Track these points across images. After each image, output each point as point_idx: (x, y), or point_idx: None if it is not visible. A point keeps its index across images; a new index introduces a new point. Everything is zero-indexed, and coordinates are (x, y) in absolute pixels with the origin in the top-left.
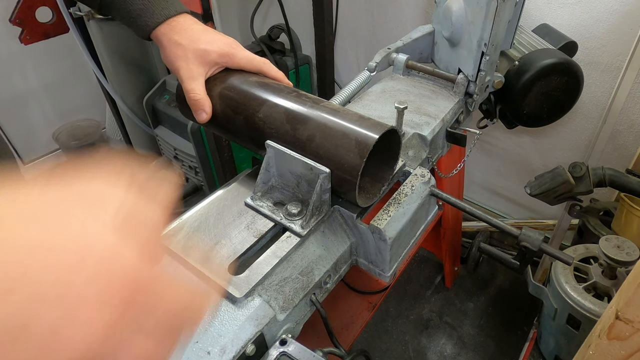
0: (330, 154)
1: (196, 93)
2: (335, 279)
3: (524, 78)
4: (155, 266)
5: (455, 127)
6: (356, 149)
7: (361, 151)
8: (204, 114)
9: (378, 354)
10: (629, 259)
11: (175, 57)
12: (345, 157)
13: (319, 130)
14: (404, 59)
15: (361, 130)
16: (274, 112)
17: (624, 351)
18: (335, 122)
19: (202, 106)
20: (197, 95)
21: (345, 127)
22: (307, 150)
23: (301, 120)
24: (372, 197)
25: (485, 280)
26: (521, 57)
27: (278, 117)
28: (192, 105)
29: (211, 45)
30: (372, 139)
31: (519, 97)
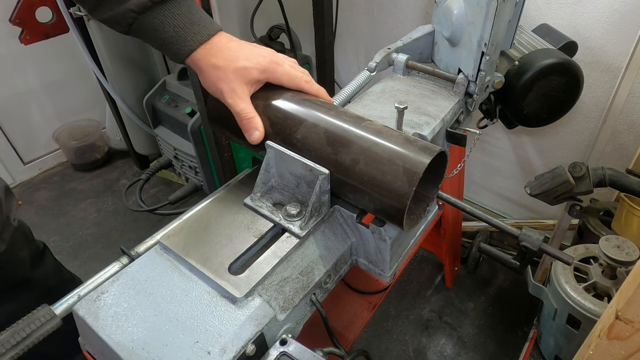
0: (376, 180)
1: (247, 112)
2: (336, 279)
3: (524, 78)
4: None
5: (455, 127)
6: (404, 176)
7: (410, 179)
8: (257, 133)
9: (378, 354)
10: (629, 259)
11: (216, 80)
12: (392, 184)
13: (363, 155)
14: (404, 59)
15: (409, 154)
16: (313, 133)
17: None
18: (381, 146)
19: (256, 125)
20: (249, 114)
21: (391, 150)
22: (350, 175)
23: (343, 143)
24: (417, 219)
25: (485, 280)
26: (521, 57)
27: (317, 138)
28: (245, 125)
29: (250, 61)
30: (422, 165)
31: (519, 97)
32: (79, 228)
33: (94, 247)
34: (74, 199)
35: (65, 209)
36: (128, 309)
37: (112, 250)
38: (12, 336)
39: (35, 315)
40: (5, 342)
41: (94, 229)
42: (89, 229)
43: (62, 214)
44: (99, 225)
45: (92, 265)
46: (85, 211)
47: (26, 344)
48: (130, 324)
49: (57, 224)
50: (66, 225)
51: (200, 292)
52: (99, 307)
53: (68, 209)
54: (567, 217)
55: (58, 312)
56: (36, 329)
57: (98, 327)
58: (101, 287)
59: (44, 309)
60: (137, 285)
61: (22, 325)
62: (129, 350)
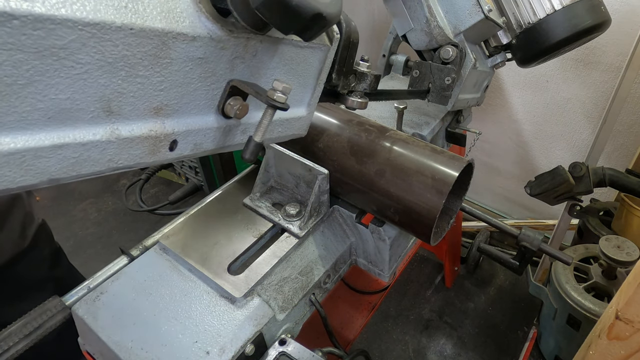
0: (404, 192)
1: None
2: (335, 279)
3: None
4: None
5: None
6: (433, 188)
7: (439, 191)
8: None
9: (378, 354)
10: (629, 259)
11: None
12: (420, 197)
13: (390, 165)
14: (403, 59)
15: (438, 166)
16: (336, 142)
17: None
18: (408, 156)
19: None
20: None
21: (419, 162)
22: (375, 186)
23: (367, 153)
24: (441, 232)
25: (485, 280)
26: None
27: (340, 148)
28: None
29: None
30: (451, 177)
31: (547, 51)
32: (79, 228)
33: (94, 247)
34: (74, 199)
35: (65, 209)
36: (127, 309)
37: (112, 250)
38: (24, 326)
39: (47, 306)
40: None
41: (94, 229)
42: (89, 229)
43: (62, 214)
44: (99, 225)
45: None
46: (85, 211)
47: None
48: (129, 323)
49: (57, 224)
50: (66, 225)
51: (200, 292)
52: (98, 307)
53: (68, 209)
54: (567, 217)
55: (68, 304)
56: (47, 320)
57: (97, 327)
58: (100, 287)
59: (55, 300)
60: (137, 285)
61: (33, 315)
62: (128, 350)
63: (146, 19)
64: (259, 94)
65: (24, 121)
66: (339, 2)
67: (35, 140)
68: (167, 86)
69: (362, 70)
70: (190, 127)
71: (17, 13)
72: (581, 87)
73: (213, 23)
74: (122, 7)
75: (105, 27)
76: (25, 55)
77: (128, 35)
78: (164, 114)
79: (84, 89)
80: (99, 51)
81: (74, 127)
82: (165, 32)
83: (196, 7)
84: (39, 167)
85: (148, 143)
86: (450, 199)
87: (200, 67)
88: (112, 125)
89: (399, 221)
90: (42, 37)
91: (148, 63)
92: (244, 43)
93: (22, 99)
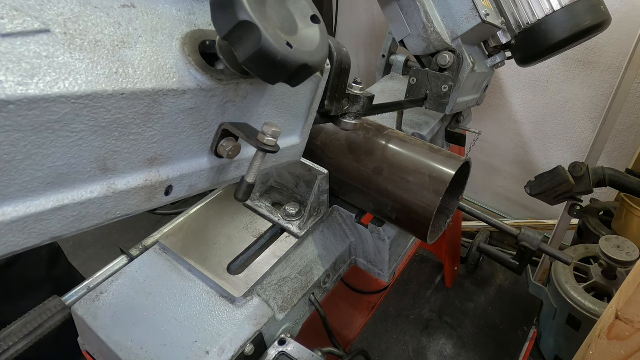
0: (401, 190)
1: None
2: (335, 279)
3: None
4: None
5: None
6: (431, 186)
7: (436, 188)
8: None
9: (378, 354)
10: (629, 259)
11: None
12: (418, 195)
13: (387, 163)
14: (403, 59)
15: (435, 165)
16: (334, 140)
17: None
18: (405, 155)
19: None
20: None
21: (416, 160)
22: (372, 184)
23: (366, 151)
24: (438, 232)
25: (485, 280)
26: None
27: (338, 146)
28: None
29: None
30: (448, 176)
31: (549, 50)
32: None
33: (94, 247)
34: None
35: None
36: (127, 308)
37: (112, 250)
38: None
39: (47, 306)
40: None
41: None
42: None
43: None
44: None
45: (92, 265)
46: None
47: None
48: (129, 323)
49: None
50: None
51: (199, 292)
52: (98, 307)
53: None
54: (567, 217)
55: (68, 304)
56: (47, 320)
57: (97, 327)
58: (100, 287)
59: (55, 300)
60: (136, 285)
61: (33, 315)
62: (128, 349)
63: (137, 82)
64: (250, 139)
65: (24, 190)
66: (324, 48)
67: (35, 206)
68: (160, 138)
69: (355, 93)
70: (185, 172)
71: (13, 99)
72: (581, 87)
73: (202, 74)
74: (112, 74)
75: (98, 97)
76: (22, 134)
77: (120, 100)
78: (158, 163)
79: (79, 153)
80: (92, 118)
81: (72, 188)
82: (156, 91)
83: (185, 60)
84: (40, 230)
85: (144, 192)
86: (447, 198)
87: (191, 117)
88: (108, 180)
89: (397, 219)
90: (37, 116)
91: (140, 121)
92: (234, 88)
93: (22, 172)
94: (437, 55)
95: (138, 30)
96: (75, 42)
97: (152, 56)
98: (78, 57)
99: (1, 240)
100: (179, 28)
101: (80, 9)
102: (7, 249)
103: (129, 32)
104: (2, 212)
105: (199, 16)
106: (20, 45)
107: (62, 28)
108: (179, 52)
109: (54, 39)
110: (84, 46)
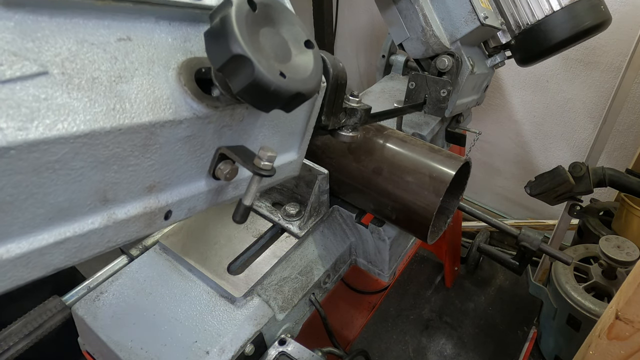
0: (401, 190)
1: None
2: (335, 279)
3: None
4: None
5: (455, 127)
6: (431, 186)
7: (436, 189)
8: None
9: (378, 354)
10: (629, 259)
11: None
12: (417, 195)
13: (387, 163)
14: (403, 59)
15: (435, 165)
16: (333, 140)
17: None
18: (405, 155)
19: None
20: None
21: (416, 160)
22: (372, 184)
23: (366, 151)
24: (438, 232)
25: (485, 280)
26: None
27: (337, 145)
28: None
29: None
30: (448, 176)
31: (549, 50)
32: None
33: None
34: None
35: None
36: (127, 308)
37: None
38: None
39: (47, 306)
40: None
41: None
42: None
43: None
44: None
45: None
46: None
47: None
48: (129, 323)
49: None
50: None
51: (199, 292)
52: (98, 307)
53: None
54: (567, 217)
55: (68, 304)
56: (47, 320)
57: (97, 327)
58: (100, 286)
59: (55, 300)
60: (137, 285)
61: (33, 315)
62: (128, 349)
63: (133, 117)
64: (246, 163)
65: (26, 227)
66: (317, 73)
67: (38, 241)
68: (158, 167)
69: (351, 106)
70: (184, 196)
71: (14, 144)
72: (581, 87)
73: (198, 103)
74: (110, 110)
75: (96, 134)
76: (23, 176)
77: (117, 135)
78: (157, 190)
79: (79, 188)
80: (91, 155)
81: (73, 221)
82: (153, 123)
83: (181, 89)
84: (44, 263)
85: (144, 219)
86: (447, 198)
87: (189, 144)
88: (108, 211)
89: (396, 219)
90: (37, 158)
91: (138, 153)
92: (230, 113)
93: (24, 210)
94: (436, 59)
95: (134, 63)
96: (73, 82)
97: (149, 88)
98: (76, 96)
99: (6, 276)
100: (174, 57)
101: (77, 47)
102: (12, 283)
103: (126, 66)
104: (6, 250)
105: (195, 42)
106: (19, 90)
107: (60, 68)
108: (175, 81)
109: (52, 80)
110: (82, 85)
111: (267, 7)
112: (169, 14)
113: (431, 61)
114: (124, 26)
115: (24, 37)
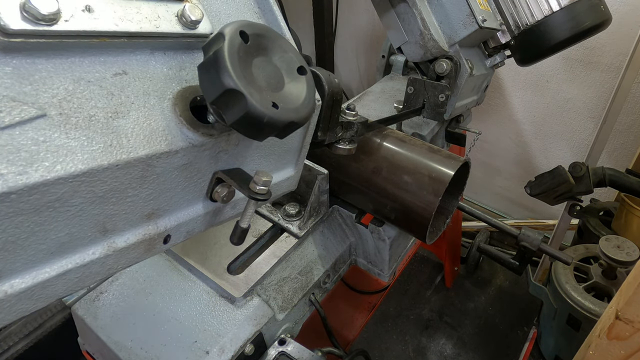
0: (400, 189)
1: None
2: (335, 279)
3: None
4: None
5: (455, 127)
6: (430, 186)
7: (435, 189)
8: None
9: (378, 354)
10: (629, 259)
11: None
12: (416, 195)
13: (386, 163)
14: (403, 59)
15: (434, 165)
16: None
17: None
18: (404, 155)
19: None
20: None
21: (415, 160)
22: (371, 183)
23: (365, 151)
24: (437, 232)
25: (485, 280)
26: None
27: None
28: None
29: None
30: (447, 176)
31: (549, 50)
32: None
33: None
34: None
35: None
36: (127, 308)
37: None
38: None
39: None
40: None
41: None
42: None
43: None
44: None
45: None
46: None
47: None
48: (129, 323)
49: None
50: None
51: (199, 292)
52: (98, 307)
53: None
54: (567, 217)
55: (68, 304)
56: (47, 320)
57: (97, 326)
58: (100, 286)
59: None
60: (136, 285)
61: (33, 315)
62: (128, 349)
63: (130, 151)
64: (242, 188)
65: (29, 263)
66: (310, 101)
67: (41, 275)
68: (156, 195)
69: (348, 119)
70: (182, 220)
71: (15, 189)
72: (581, 87)
73: (194, 132)
74: (107, 147)
75: (94, 172)
76: (24, 217)
77: (115, 171)
78: (155, 217)
79: (79, 222)
80: (89, 191)
81: (74, 253)
82: (150, 156)
83: (177, 120)
84: (47, 294)
85: (143, 245)
86: (446, 198)
87: (185, 171)
88: (108, 240)
89: (396, 219)
90: (37, 199)
91: (136, 184)
92: (226, 139)
93: (26, 248)
94: (435, 63)
95: (130, 97)
96: (71, 121)
97: (145, 121)
98: (74, 135)
99: (11, 310)
100: (170, 87)
101: (74, 86)
102: (17, 315)
103: (122, 101)
104: (10, 285)
105: (190, 71)
106: (18, 134)
107: (58, 109)
108: (171, 112)
109: (50, 122)
110: (79, 124)
111: (260, 37)
112: (164, 44)
113: (430, 64)
114: (119, 60)
115: (22, 81)
